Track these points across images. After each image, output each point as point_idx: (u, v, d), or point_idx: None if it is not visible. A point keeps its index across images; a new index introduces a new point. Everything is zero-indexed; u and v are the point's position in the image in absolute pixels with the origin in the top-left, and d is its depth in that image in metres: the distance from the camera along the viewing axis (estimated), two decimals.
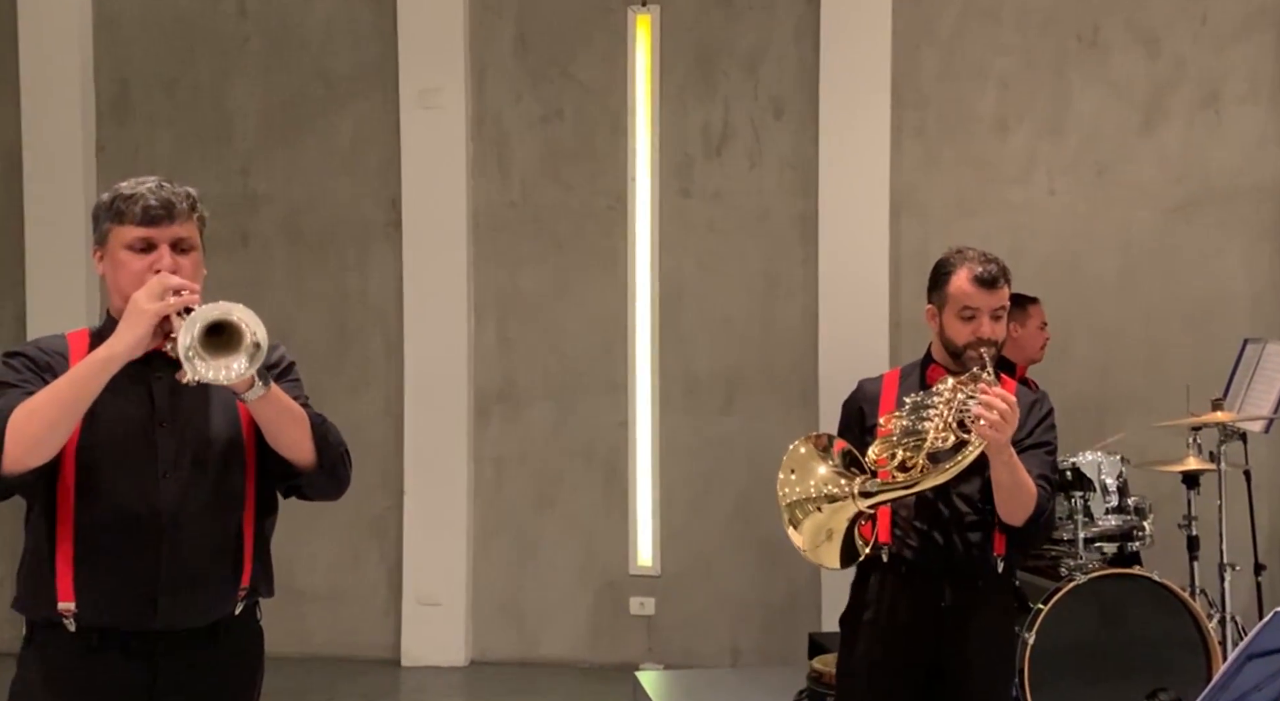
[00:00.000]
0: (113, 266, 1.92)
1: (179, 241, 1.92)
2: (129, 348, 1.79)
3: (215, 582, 1.94)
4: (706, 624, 5.24)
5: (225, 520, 1.94)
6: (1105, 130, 5.14)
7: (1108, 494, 3.69)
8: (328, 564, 5.44)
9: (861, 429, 2.49)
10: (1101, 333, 5.07)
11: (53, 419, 1.78)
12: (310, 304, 5.48)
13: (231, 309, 1.77)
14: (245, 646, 2.02)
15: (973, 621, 2.43)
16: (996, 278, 2.44)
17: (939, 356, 2.52)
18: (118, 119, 5.52)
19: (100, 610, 1.87)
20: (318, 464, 1.94)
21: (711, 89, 5.32)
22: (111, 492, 1.87)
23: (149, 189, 1.91)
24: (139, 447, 1.89)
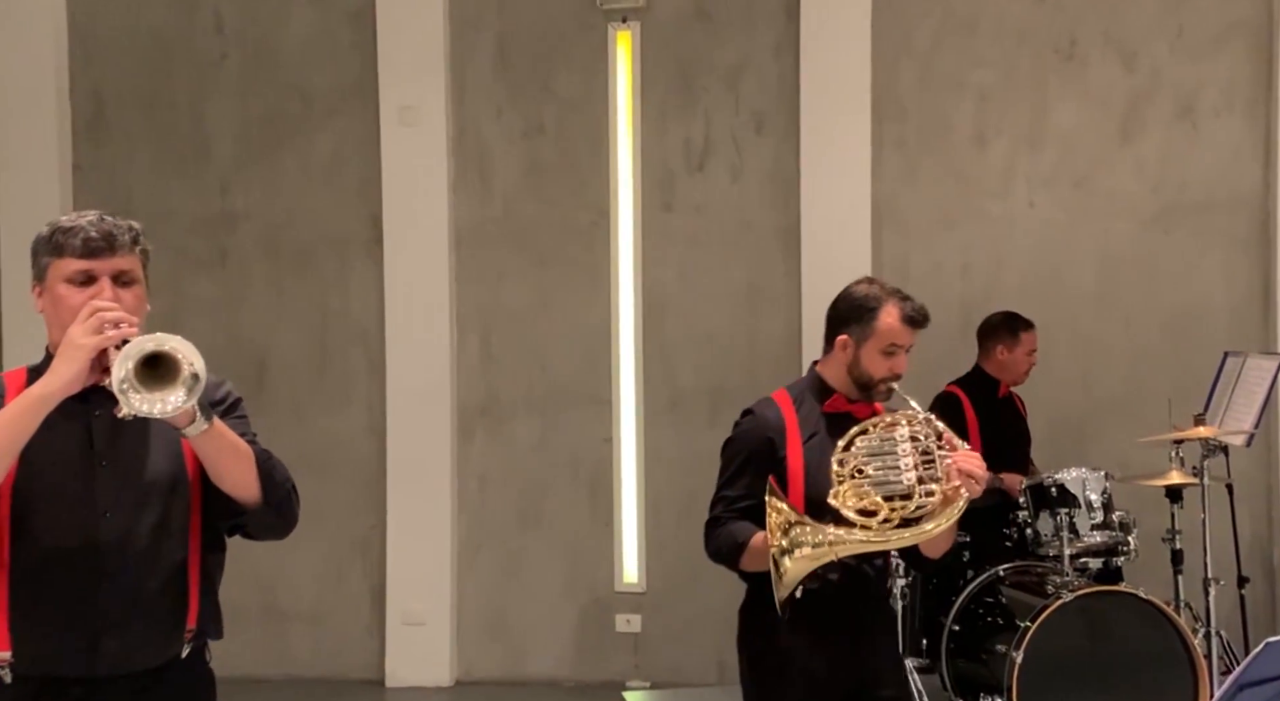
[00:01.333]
0: (52, 302, 1.87)
1: (120, 274, 1.87)
2: (65, 384, 1.74)
3: (159, 624, 1.89)
4: (693, 640, 5.22)
5: (169, 560, 1.88)
6: (1083, 142, 5.17)
7: (1092, 510, 3.70)
8: (310, 583, 5.39)
9: (773, 461, 2.44)
10: (1082, 343, 5.09)
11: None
12: (291, 321, 5.44)
13: (166, 339, 1.72)
14: (194, 691, 1.96)
15: (877, 641, 2.53)
16: (927, 318, 2.50)
17: (839, 385, 2.50)
18: (94, 138, 5.47)
19: (39, 657, 1.81)
20: (263, 501, 1.88)
21: (692, 103, 5.32)
22: (48, 533, 1.82)
23: (89, 222, 1.87)
24: (77, 487, 1.83)
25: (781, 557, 2.26)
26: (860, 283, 2.56)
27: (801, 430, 2.45)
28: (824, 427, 2.45)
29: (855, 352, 2.46)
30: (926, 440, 2.33)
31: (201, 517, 1.93)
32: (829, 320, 2.54)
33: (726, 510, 2.47)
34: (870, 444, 2.34)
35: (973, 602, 3.80)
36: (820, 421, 2.47)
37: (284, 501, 1.92)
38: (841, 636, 2.44)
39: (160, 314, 6.31)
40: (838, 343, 2.49)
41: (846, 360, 2.48)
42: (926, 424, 2.35)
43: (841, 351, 2.48)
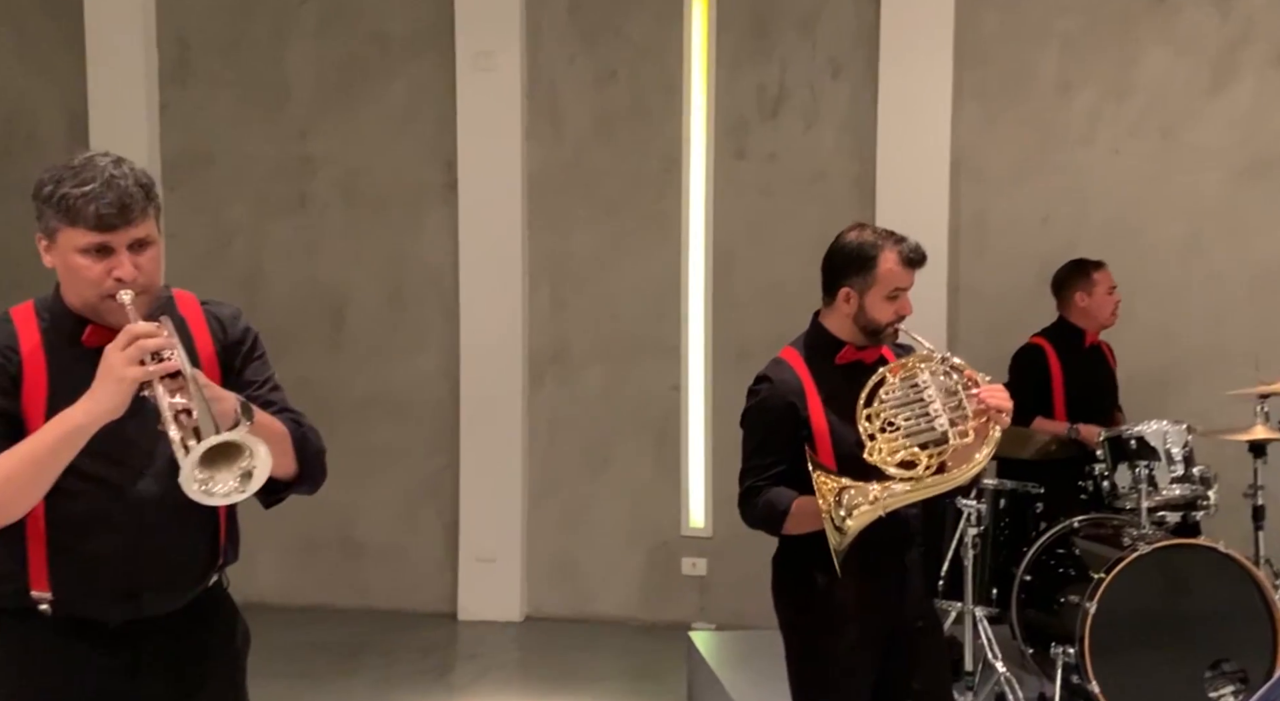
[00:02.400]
0: (65, 268, 1.79)
1: (137, 241, 1.78)
2: (106, 414, 1.70)
3: (194, 568, 1.92)
4: (758, 585, 5.18)
5: (201, 508, 1.82)
6: (1172, 90, 5.02)
7: (1173, 463, 3.64)
8: (386, 520, 5.55)
9: (797, 424, 2.43)
10: (1166, 297, 4.98)
11: (28, 484, 1.73)
12: (367, 266, 5.54)
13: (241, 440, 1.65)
14: (222, 612, 2.00)
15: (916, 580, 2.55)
16: (925, 256, 2.48)
17: (846, 335, 2.48)
18: (179, 80, 5.58)
19: (80, 604, 1.83)
20: (299, 475, 1.90)
21: (768, 49, 5.25)
22: (84, 493, 1.80)
23: (101, 184, 1.73)
24: (113, 445, 1.79)
25: (842, 514, 2.28)
26: (851, 230, 2.52)
27: (819, 388, 2.45)
28: (840, 380, 2.45)
29: (860, 302, 2.45)
30: (949, 381, 2.34)
31: None
32: (826, 272, 2.52)
33: (760, 479, 2.46)
34: (895, 395, 2.34)
35: (1045, 554, 3.77)
36: (835, 374, 2.46)
37: (318, 472, 1.93)
38: (884, 579, 2.47)
39: (241, 258, 6.46)
40: (840, 295, 2.47)
41: (851, 311, 2.46)
42: (944, 364, 2.36)
43: (845, 303, 2.47)
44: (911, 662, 2.50)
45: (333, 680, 4.55)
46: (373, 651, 4.93)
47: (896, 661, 2.50)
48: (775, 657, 4.15)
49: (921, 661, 2.51)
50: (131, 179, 1.77)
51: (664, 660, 4.73)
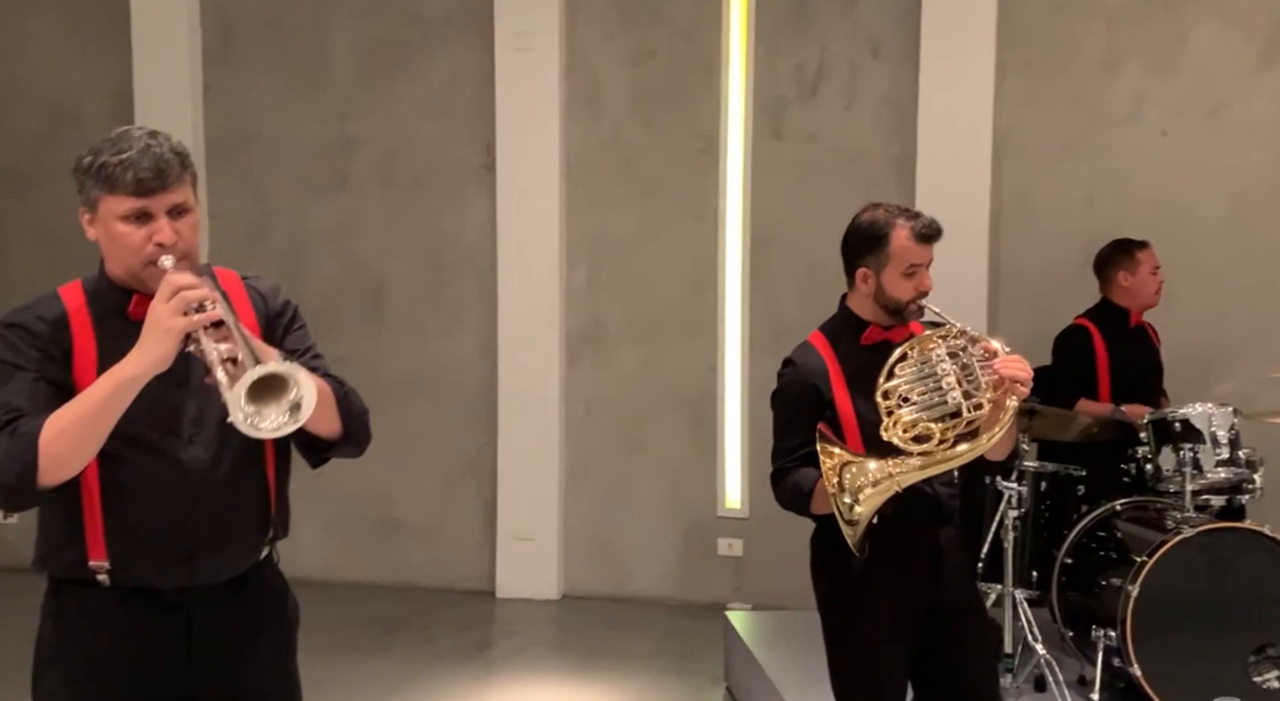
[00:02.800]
0: (108, 237, 1.83)
1: (174, 207, 1.82)
2: (155, 365, 1.73)
3: (245, 537, 1.95)
4: (794, 566, 5.21)
5: (251, 477, 1.93)
6: (1220, 68, 4.92)
7: (1218, 446, 3.59)
8: (425, 497, 5.61)
9: (821, 405, 2.44)
10: (1211, 279, 4.91)
11: (81, 438, 1.75)
12: (406, 245, 5.58)
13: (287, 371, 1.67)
14: (274, 586, 2.03)
15: (950, 558, 2.51)
16: (938, 231, 2.45)
17: (870, 316, 2.48)
18: (223, 62, 5.63)
19: (135, 573, 1.86)
20: (344, 435, 1.92)
21: (807, 28, 5.21)
22: (138, 461, 1.84)
23: (138, 152, 1.78)
24: (163, 414, 1.84)
25: (848, 501, 2.28)
26: (865, 210, 2.52)
27: (844, 369, 2.45)
28: (865, 361, 2.44)
29: (877, 281, 2.45)
30: (965, 354, 2.32)
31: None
32: (844, 255, 2.53)
33: (788, 460, 2.48)
34: (910, 370, 2.33)
35: (1087, 536, 3.74)
36: (860, 355, 2.46)
37: (363, 433, 1.96)
38: (917, 559, 2.46)
39: (282, 238, 6.53)
40: (858, 276, 2.48)
41: (871, 291, 2.47)
42: (961, 336, 2.34)
43: (864, 284, 2.47)
44: (952, 644, 2.49)
45: (373, 655, 4.62)
46: (412, 627, 5.00)
47: (936, 642, 2.49)
48: (812, 637, 4.15)
49: (963, 643, 2.50)
50: (167, 147, 1.82)
51: (700, 639, 4.76)
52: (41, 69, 5.77)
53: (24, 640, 2.00)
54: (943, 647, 2.50)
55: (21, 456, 1.73)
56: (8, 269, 5.81)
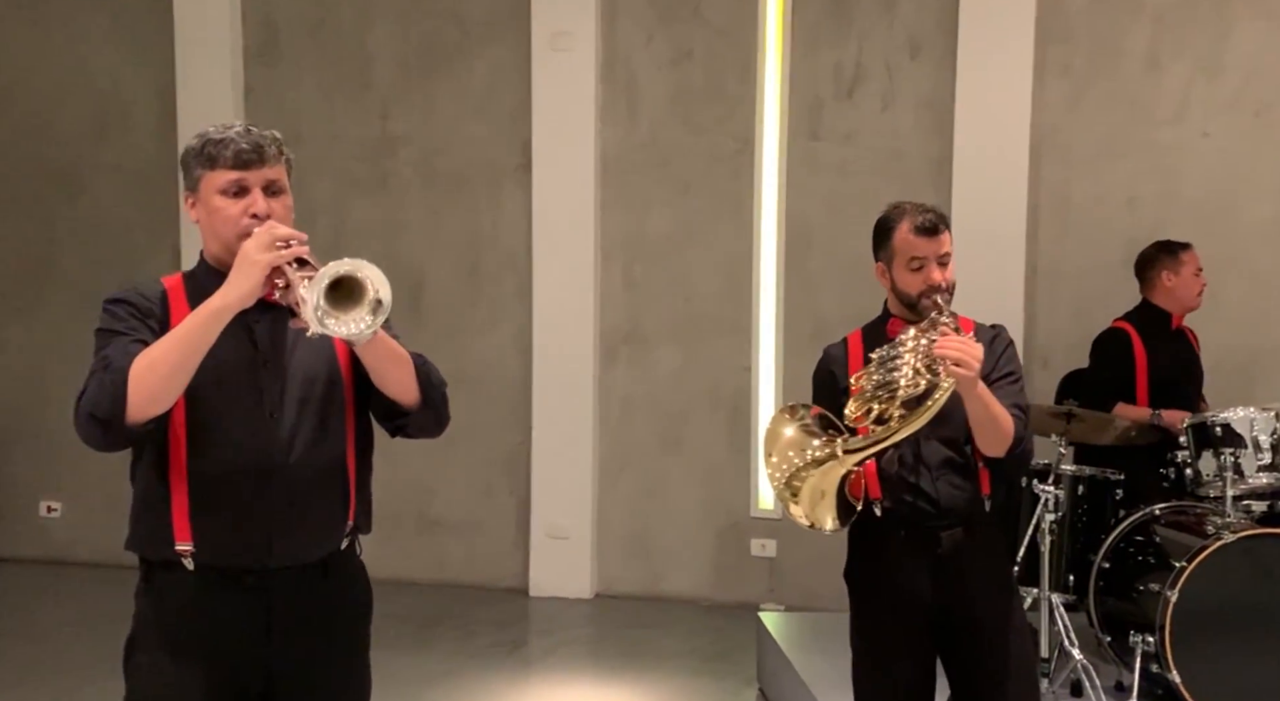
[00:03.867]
0: (207, 212, 1.93)
1: (270, 184, 1.93)
2: (241, 298, 1.80)
3: (325, 518, 1.98)
4: (827, 567, 5.21)
5: (331, 458, 1.97)
6: (1267, 67, 4.85)
7: (1260, 451, 3.54)
8: (462, 494, 5.66)
9: (835, 392, 2.49)
10: (1256, 281, 4.84)
11: (170, 369, 1.80)
12: (444, 244, 5.63)
13: (357, 264, 1.74)
14: (354, 579, 2.07)
15: (970, 565, 2.46)
16: (935, 225, 2.45)
17: (896, 310, 2.54)
18: (266, 62, 5.72)
19: (217, 550, 1.91)
20: (422, 403, 1.96)
21: (845, 27, 5.20)
22: (222, 436, 1.89)
23: (237, 132, 1.92)
24: (245, 390, 1.91)
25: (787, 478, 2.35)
26: (888, 208, 2.56)
27: (865, 359, 2.48)
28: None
29: (890, 275, 2.50)
30: (927, 338, 2.34)
31: (356, 416, 2.01)
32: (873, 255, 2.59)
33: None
34: (881, 354, 2.39)
35: (1124, 541, 3.70)
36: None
37: (440, 403, 2.00)
38: (929, 558, 2.44)
39: (324, 236, 6.63)
40: (877, 271, 2.54)
41: (888, 285, 2.52)
42: (931, 325, 2.36)
43: (882, 278, 2.53)
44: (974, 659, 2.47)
45: (410, 651, 4.66)
46: (448, 624, 5.04)
47: (963, 653, 2.47)
48: (844, 638, 4.14)
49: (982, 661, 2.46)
50: (267, 133, 1.97)
51: (734, 640, 4.76)
52: (87, 70, 5.89)
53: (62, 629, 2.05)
54: (966, 661, 2.48)
55: (113, 389, 1.79)
56: (56, 268, 5.93)
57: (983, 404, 2.33)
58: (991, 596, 2.50)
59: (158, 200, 5.80)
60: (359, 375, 1.97)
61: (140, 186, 5.86)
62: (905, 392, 2.30)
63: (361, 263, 1.75)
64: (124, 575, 2.19)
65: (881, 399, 2.33)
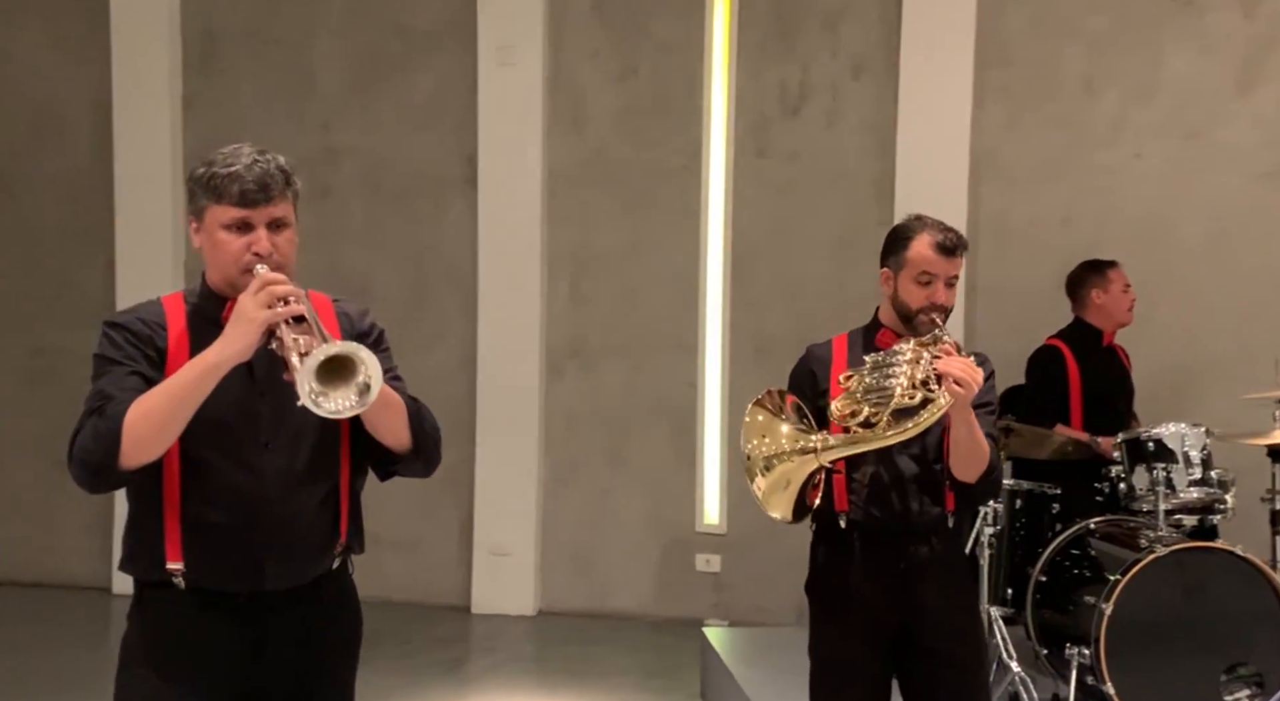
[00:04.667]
0: (211, 244, 1.94)
1: (275, 221, 1.93)
2: (238, 354, 1.82)
3: (317, 544, 1.99)
4: (772, 582, 5.28)
5: (324, 484, 1.98)
6: (1198, 92, 4.99)
7: (1190, 466, 3.62)
8: (403, 513, 5.57)
9: (814, 392, 2.49)
10: (1188, 299, 4.96)
11: (164, 419, 1.82)
12: (387, 257, 5.57)
13: (352, 350, 1.75)
14: (345, 598, 2.07)
15: (931, 581, 2.45)
16: (957, 246, 2.48)
17: (887, 321, 2.53)
18: (204, 72, 5.63)
19: (209, 575, 1.92)
20: (414, 450, 1.97)
21: (790, 47, 5.26)
22: (218, 463, 1.91)
23: (245, 165, 1.90)
24: (242, 421, 1.92)
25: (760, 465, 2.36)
26: (907, 217, 2.57)
27: (849, 364, 2.48)
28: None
29: (895, 284, 2.49)
30: (926, 353, 2.36)
31: (350, 444, 2.01)
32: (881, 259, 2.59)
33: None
34: (875, 359, 2.40)
35: (1061, 554, 3.75)
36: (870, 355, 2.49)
37: (433, 449, 2.01)
38: (890, 573, 2.43)
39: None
40: (881, 276, 2.54)
41: (889, 292, 2.51)
42: (933, 342, 2.38)
43: (885, 285, 2.52)
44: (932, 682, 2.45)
45: None
46: (388, 643, 4.96)
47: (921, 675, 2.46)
48: (789, 653, 4.14)
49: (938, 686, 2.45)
50: (274, 164, 1.94)
51: (678, 655, 4.74)
52: (22, 78, 5.75)
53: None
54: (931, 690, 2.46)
55: (107, 436, 1.81)
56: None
57: (969, 427, 2.34)
58: (955, 618, 2.50)
59: (92, 211, 5.68)
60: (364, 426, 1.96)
61: (74, 198, 5.72)
62: (898, 402, 2.30)
63: (354, 346, 1.76)
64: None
65: (871, 402, 2.34)
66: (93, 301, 5.63)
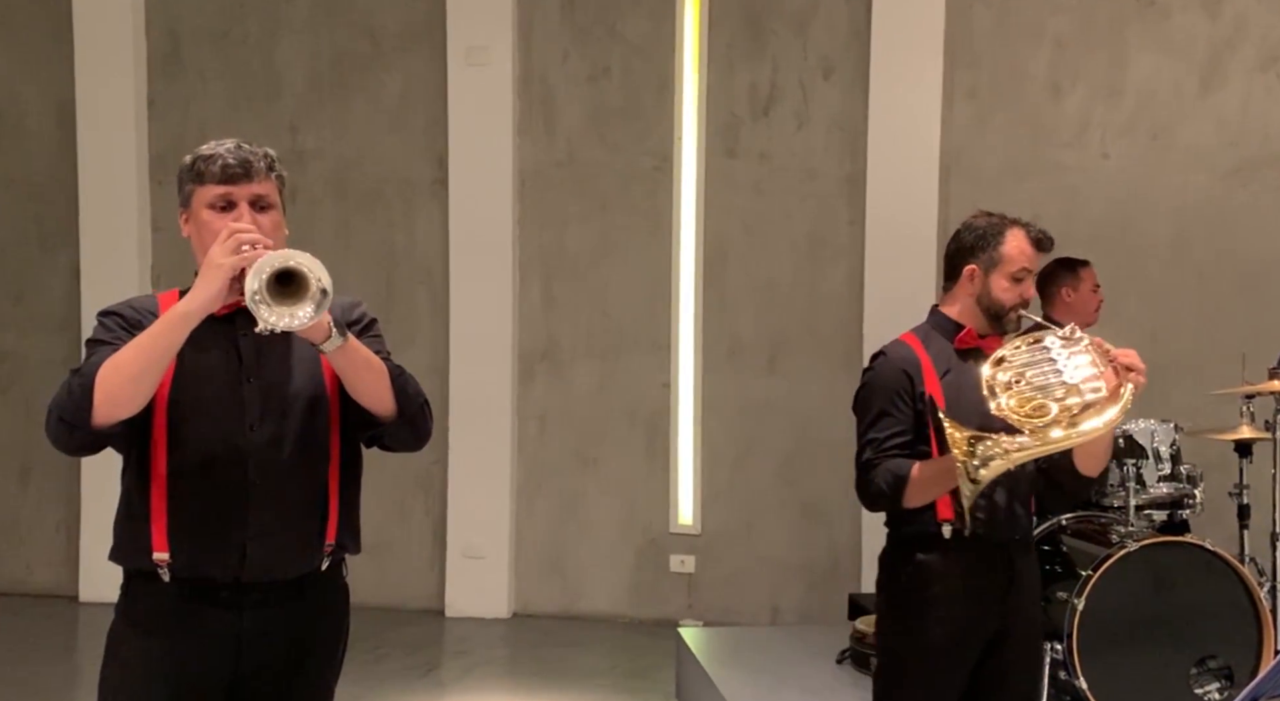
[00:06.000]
0: (196, 227, 1.95)
1: (258, 199, 1.94)
2: (205, 303, 1.81)
3: (302, 535, 1.96)
4: (746, 583, 5.29)
5: (311, 473, 1.96)
6: (1162, 93, 5.06)
7: (1160, 461, 3.65)
8: (374, 516, 5.49)
9: (910, 394, 2.38)
10: (1154, 297, 5.02)
11: (136, 372, 1.80)
12: (357, 260, 5.53)
13: (294, 255, 1.77)
14: (331, 601, 2.03)
15: (1028, 590, 2.45)
16: (1052, 240, 2.45)
17: (968, 320, 2.44)
18: (169, 73, 5.55)
19: (192, 560, 1.91)
20: (398, 414, 1.94)
21: (760, 48, 5.27)
22: (201, 445, 1.90)
23: (227, 149, 1.94)
24: (227, 401, 1.92)
25: (977, 473, 2.17)
26: (979, 215, 2.49)
27: (936, 366, 2.40)
28: (957, 363, 2.41)
29: (984, 282, 2.41)
30: (1076, 344, 2.27)
31: (341, 435, 1.99)
32: (950, 255, 2.49)
33: (878, 452, 2.38)
34: (1021, 357, 2.28)
35: None
36: (953, 357, 2.42)
37: (417, 415, 1.97)
38: (992, 584, 2.38)
39: None
40: (964, 273, 2.43)
41: (975, 291, 2.42)
42: (1071, 333, 2.29)
43: (969, 282, 2.42)
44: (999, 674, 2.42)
45: None
46: (360, 648, 4.86)
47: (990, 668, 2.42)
48: (763, 653, 4.14)
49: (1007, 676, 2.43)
50: (259, 150, 1.98)
51: (652, 656, 4.73)
52: None
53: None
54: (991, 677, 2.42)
55: (80, 390, 1.81)
56: None
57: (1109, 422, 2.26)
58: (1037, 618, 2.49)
59: (55, 213, 5.59)
60: (347, 394, 1.94)
61: (36, 200, 5.63)
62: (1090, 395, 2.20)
63: (300, 254, 1.78)
64: None
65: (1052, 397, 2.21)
66: (56, 306, 5.55)
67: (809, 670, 3.91)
